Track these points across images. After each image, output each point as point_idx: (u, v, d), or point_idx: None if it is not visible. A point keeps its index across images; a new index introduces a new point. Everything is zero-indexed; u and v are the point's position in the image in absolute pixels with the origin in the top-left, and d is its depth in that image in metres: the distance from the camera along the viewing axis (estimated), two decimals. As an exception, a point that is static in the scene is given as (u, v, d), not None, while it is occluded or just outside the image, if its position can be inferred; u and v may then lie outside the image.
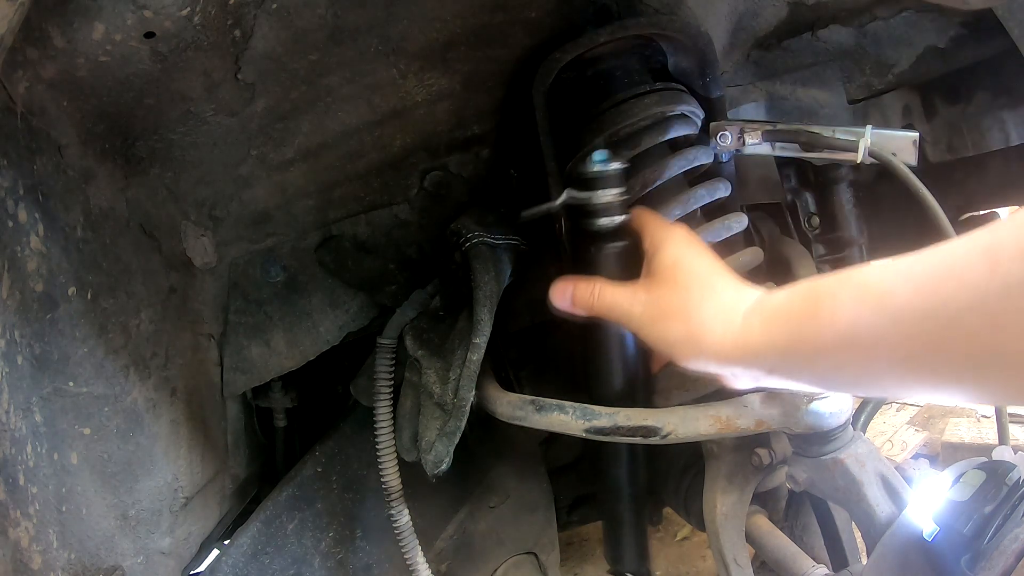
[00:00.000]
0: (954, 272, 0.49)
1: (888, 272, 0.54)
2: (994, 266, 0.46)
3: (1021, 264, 0.45)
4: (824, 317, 0.57)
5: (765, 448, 0.84)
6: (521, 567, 1.08)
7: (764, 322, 0.63)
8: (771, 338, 0.62)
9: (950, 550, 0.66)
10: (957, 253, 0.49)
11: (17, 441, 0.61)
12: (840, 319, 0.56)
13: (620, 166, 0.81)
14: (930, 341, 0.51)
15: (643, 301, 0.72)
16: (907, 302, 0.51)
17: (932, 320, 0.50)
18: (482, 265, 0.84)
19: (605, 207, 0.81)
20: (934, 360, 0.52)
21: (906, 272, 0.52)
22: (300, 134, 0.81)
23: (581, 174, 0.82)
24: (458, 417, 0.81)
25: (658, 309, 0.71)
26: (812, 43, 1.00)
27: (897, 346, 0.53)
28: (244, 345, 0.94)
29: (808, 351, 0.60)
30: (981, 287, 0.47)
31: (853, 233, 1.13)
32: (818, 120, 1.03)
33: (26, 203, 0.61)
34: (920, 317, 0.51)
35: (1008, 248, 0.45)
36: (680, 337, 0.68)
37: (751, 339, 0.63)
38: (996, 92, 1.07)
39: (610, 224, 0.81)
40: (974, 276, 0.47)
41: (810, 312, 0.59)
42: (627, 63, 0.88)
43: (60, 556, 0.67)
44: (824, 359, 0.59)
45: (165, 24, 0.58)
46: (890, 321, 0.53)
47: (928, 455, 2.24)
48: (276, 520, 0.98)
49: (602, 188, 0.80)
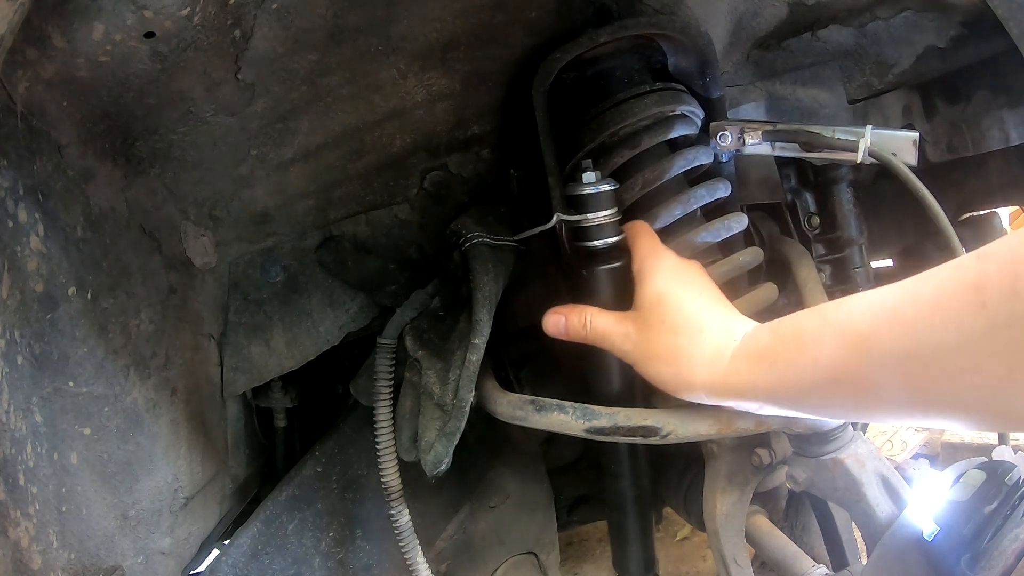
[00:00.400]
0: (940, 311, 0.47)
1: (873, 310, 0.53)
2: (981, 306, 0.45)
3: (1009, 303, 0.44)
4: (808, 360, 0.58)
5: (765, 448, 0.84)
6: (521, 567, 1.08)
7: (750, 365, 0.64)
8: (757, 380, 0.63)
9: (950, 550, 0.66)
10: (944, 290, 0.48)
11: (17, 441, 0.61)
12: (824, 362, 0.56)
13: (611, 187, 0.81)
14: (915, 381, 0.50)
15: (633, 338, 0.73)
16: (891, 344, 0.51)
17: (917, 361, 0.49)
18: (482, 265, 0.84)
19: (598, 228, 0.81)
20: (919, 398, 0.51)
21: (892, 309, 0.51)
22: (300, 134, 0.81)
23: (572, 195, 0.82)
24: (458, 417, 0.81)
25: (648, 349, 0.71)
26: (812, 43, 1.00)
27: (882, 386, 0.53)
28: (244, 345, 0.94)
29: (794, 392, 0.61)
30: (967, 327, 0.46)
31: (853, 233, 1.13)
32: (818, 120, 1.03)
33: (26, 203, 0.61)
34: (904, 358, 0.50)
35: (996, 286, 0.44)
36: (670, 378, 0.70)
37: (740, 380, 0.64)
38: (996, 92, 1.07)
39: (603, 246, 0.82)
40: (961, 316, 0.46)
41: (794, 355, 0.59)
42: (627, 63, 0.88)
43: (60, 556, 0.67)
44: (810, 398, 0.60)
45: (165, 24, 0.58)
46: (875, 364, 0.52)
47: (928, 455, 2.24)
48: (276, 520, 0.97)
49: (593, 210, 0.81)
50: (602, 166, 0.85)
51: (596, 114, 0.85)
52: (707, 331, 0.68)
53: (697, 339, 0.68)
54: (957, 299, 0.46)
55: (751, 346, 0.65)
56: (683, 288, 0.72)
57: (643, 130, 0.85)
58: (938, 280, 0.49)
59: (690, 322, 0.69)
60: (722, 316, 0.70)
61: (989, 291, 0.44)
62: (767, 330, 0.64)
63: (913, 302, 0.50)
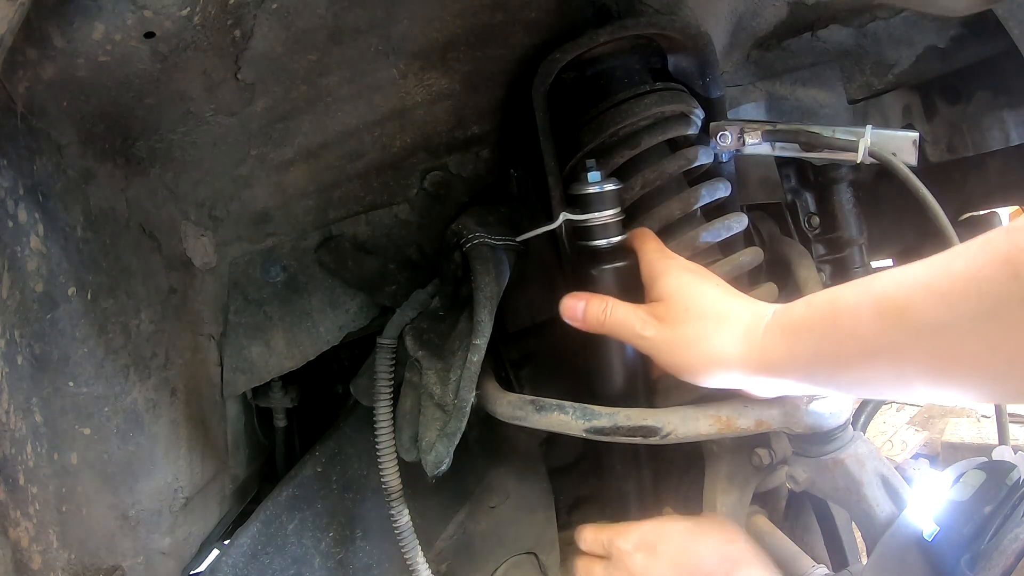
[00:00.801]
0: (974, 283, 0.48)
1: (907, 282, 0.54)
2: (1014, 275, 0.46)
3: None
4: (845, 331, 0.58)
5: (765, 448, 0.84)
6: (521, 567, 1.08)
7: (785, 337, 0.63)
8: (794, 353, 0.63)
9: (950, 550, 0.66)
10: (976, 262, 0.49)
11: (17, 441, 0.61)
12: (861, 333, 0.56)
13: (615, 186, 0.81)
14: (952, 352, 0.51)
15: (655, 326, 0.72)
16: (927, 315, 0.51)
17: (953, 332, 0.50)
18: (483, 266, 0.84)
19: (603, 227, 0.81)
20: (957, 369, 0.52)
21: (925, 282, 0.52)
22: (300, 134, 0.81)
23: (576, 194, 0.82)
24: (459, 418, 0.81)
25: (673, 335, 0.71)
26: (812, 43, 1.00)
27: (920, 358, 0.53)
28: (244, 345, 0.94)
29: (831, 364, 0.60)
30: (1002, 297, 0.47)
31: (853, 233, 1.13)
32: (818, 120, 1.03)
33: (26, 203, 0.61)
34: (941, 329, 0.51)
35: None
36: (699, 359, 0.69)
37: (775, 355, 0.64)
38: (996, 92, 1.07)
39: (607, 245, 0.82)
40: (994, 286, 0.47)
41: (831, 326, 0.59)
42: (627, 63, 0.88)
43: (60, 556, 0.67)
44: (848, 371, 0.60)
45: (165, 24, 0.58)
46: (911, 335, 0.53)
47: (928, 455, 2.24)
48: (276, 520, 0.97)
49: (597, 209, 0.80)
50: (602, 166, 0.85)
51: (596, 114, 0.85)
52: (734, 312, 0.69)
53: (725, 320, 0.68)
54: (990, 270, 0.47)
55: (785, 319, 0.64)
56: (701, 281, 0.73)
57: (643, 130, 0.85)
58: (970, 253, 0.50)
59: (716, 307, 0.70)
60: (746, 300, 0.71)
61: (1020, 263, 0.46)
62: (802, 303, 0.64)
63: (947, 275, 0.51)
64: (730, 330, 0.67)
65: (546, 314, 0.97)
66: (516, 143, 0.96)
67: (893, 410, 2.47)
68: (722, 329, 0.68)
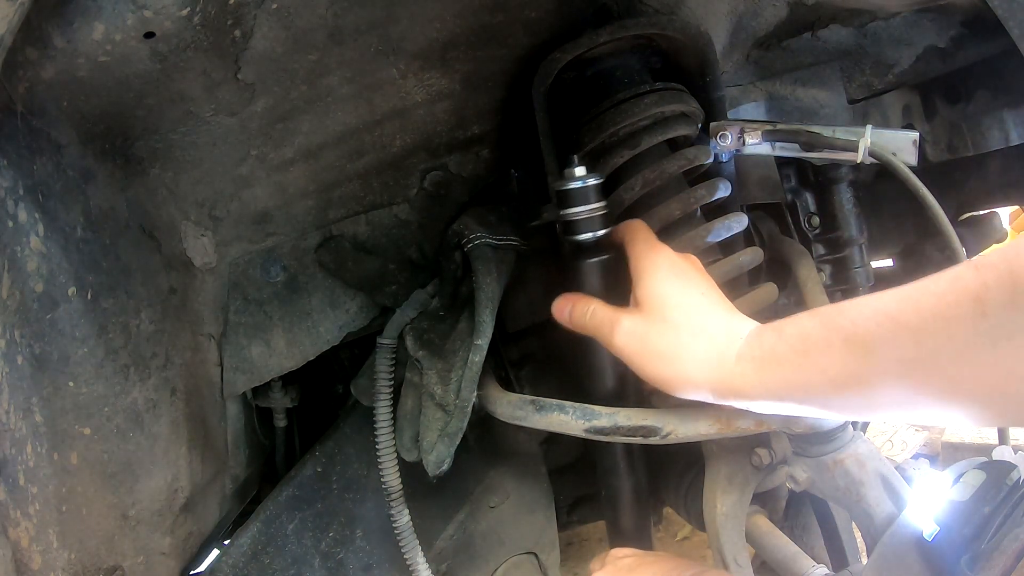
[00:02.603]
0: (942, 321, 0.49)
1: (876, 318, 0.54)
2: (982, 316, 0.46)
3: (1009, 313, 0.45)
4: (814, 366, 0.59)
5: (765, 448, 0.84)
6: (521, 567, 1.08)
7: (756, 367, 0.64)
8: (764, 382, 0.63)
9: (950, 550, 0.66)
10: (946, 300, 0.49)
11: (17, 441, 0.61)
12: (830, 369, 0.57)
13: (596, 180, 0.81)
14: (919, 386, 0.52)
15: (632, 334, 0.72)
16: (895, 351, 0.52)
17: (921, 367, 0.51)
18: (484, 266, 0.84)
19: (585, 221, 0.81)
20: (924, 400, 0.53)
21: (895, 317, 0.53)
22: (300, 134, 0.81)
23: (559, 190, 0.82)
24: (460, 418, 0.81)
25: (648, 345, 0.70)
26: (812, 43, 1.00)
27: (887, 391, 0.55)
28: (244, 345, 0.94)
29: (801, 394, 0.62)
30: (970, 335, 0.47)
31: (853, 233, 1.13)
32: (818, 120, 1.03)
33: (26, 203, 0.61)
34: (909, 363, 0.52)
35: (996, 296, 0.45)
36: (671, 376, 0.69)
37: (744, 383, 0.65)
38: (996, 92, 1.07)
39: (591, 238, 0.81)
40: (963, 325, 0.47)
41: (801, 360, 0.60)
42: (627, 63, 0.88)
43: (60, 556, 0.67)
44: (815, 400, 0.61)
45: (165, 24, 0.58)
46: (879, 369, 0.54)
47: (928, 455, 2.24)
48: (276, 520, 0.97)
49: (580, 204, 0.80)
50: (602, 166, 0.85)
51: (596, 114, 0.85)
52: (710, 330, 0.68)
53: (700, 338, 0.68)
54: (959, 308, 0.47)
55: (756, 349, 0.65)
56: (684, 287, 0.72)
57: (643, 130, 0.85)
58: (939, 290, 0.50)
59: (692, 320, 0.69)
60: (725, 315, 0.70)
61: (989, 301, 0.46)
62: (772, 333, 0.64)
63: (915, 311, 0.51)
64: (703, 350, 0.67)
65: (546, 314, 0.97)
66: (516, 143, 0.96)
67: (893, 410, 2.47)
68: (695, 347, 0.68)
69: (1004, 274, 0.45)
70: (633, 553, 0.80)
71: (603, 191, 0.82)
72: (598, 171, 0.85)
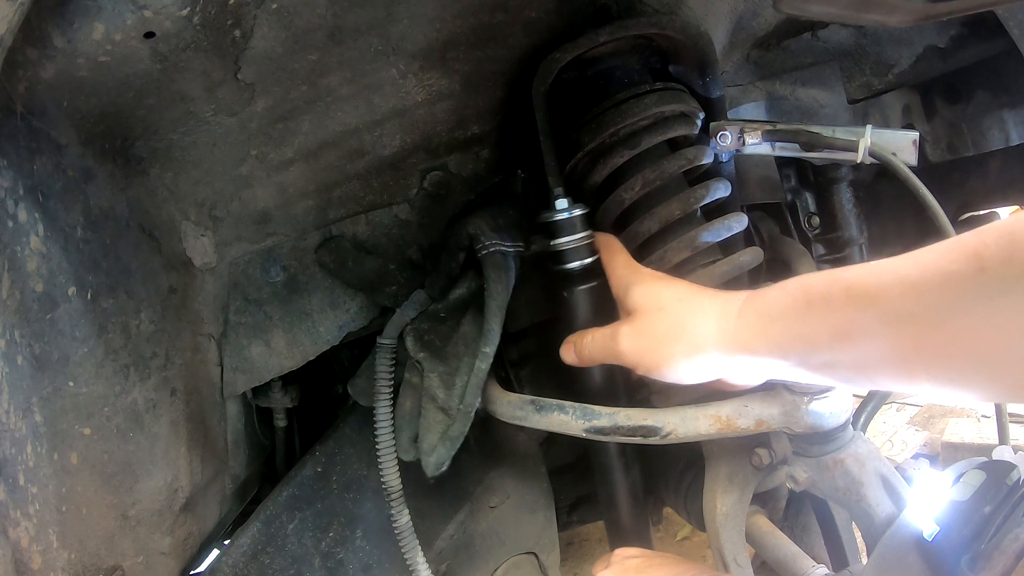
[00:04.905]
0: (941, 274, 0.50)
1: (878, 271, 0.55)
2: (980, 270, 0.47)
3: (1006, 267, 0.46)
4: (816, 314, 0.59)
5: (765, 448, 0.84)
6: (521, 567, 1.08)
7: (760, 318, 0.65)
8: (768, 333, 0.64)
9: (950, 550, 0.66)
10: (945, 256, 0.50)
11: (17, 441, 0.61)
12: (831, 318, 0.58)
13: (581, 211, 0.84)
14: (918, 341, 0.52)
15: (631, 336, 0.74)
16: (895, 302, 0.53)
17: (920, 321, 0.51)
18: (497, 274, 0.85)
19: (573, 251, 0.84)
20: (921, 358, 0.53)
21: (895, 271, 0.54)
22: (300, 134, 0.81)
23: (545, 221, 0.85)
24: (463, 423, 0.82)
25: (651, 339, 0.72)
26: (812, 43, 1.00)
27: (887, 345, 0.55)
28: (244, 345, 0.94)
29: (803, 346, 0.62)
30: (968, 289, 0.48)
31: (853, 233, 1.13)
32: (818, 120, 1.03)
33: (26, 203, 0.61)
34: (908, 317, 0.52)
35: (994, 252, 0.46)
36: (681, 351, 0.70)
37: (750, 335, 0.65)
38: (996, 92, 1.07)
39: (579, 267, 0.85)
40: (961, 278, 0.48)
41: (803, 309, 0.61)
42: (627, 63, 0.88)
43: (60, 556, 0.67)
44: (818, 354, 0.61)
45: (165, 24, 0.58)
46: (879, 321, 0.54)
47: (928, 455, 2.24)
48: (276, 520, 0.98)
49: (567, 234, 0.84)
50: (602, 166, 0.85)
51: (596, 114, 0.85)
52: (707, 301, 0.70)
53: (699, 309, 0.70)
54: (958, 263, 0.49)
55: (759, 302, 0.66)
56: (669, 283, 0.75)
57: (643, 130, 0.85)
58: (941, 248, 0.51)
59: (688, 300, 0.71)
60: (716, 291, 0.72)
61: (987, 257, 0.47)
62: (775, 288, 0.65)
63: (916, 265, 0.52)
64: (704, 316, 0.69)
65: (545, 314, 0.97)
66: (519, 143, 0.96)
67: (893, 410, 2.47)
68: (696, 317, 0.69)
69: (1004, 234, 0.47)
70: (640, 553, 0.81)
71: (589, 220, 0.85)
72: (598, 171, 0.85)
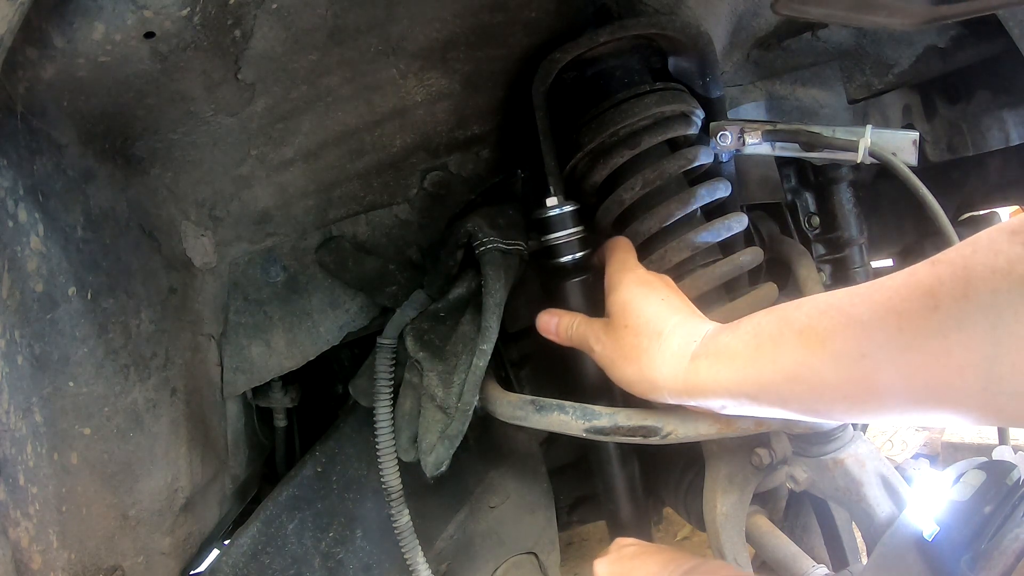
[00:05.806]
0: (894, 315, 0.49)
1: (829, 312, 0.55)
2: (934, 308, 0.46)
3: (960, 306, 0.45)
4: (767, 358, 0.60)
5: (765, 448, 0.84)
6: (521, 567, 1.08)
7: (711, 364, 0.65)
8: (718, 378, 0.64)
9: (950, 550, 0.66)
10: (900, 293, 0.49)
11: (17, 441, 0.61)
12: (782, 361, 0.58)
13: (572, 207, 0.85)
14: (870, 380, 0.52)
15: (602, 341, 0.76)
16: (847, 344, 0.53)
17: (872, 361, 0.51)
18: (495, 272, 0.85)
19: (565, 245, 0.86)
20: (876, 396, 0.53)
21: (847, 311, 0.53)
22: (300, 134, 0.81)
23: (538, 218, 0.86)
24: (461, 421, 0.81)
25: (615, 351, 0.74)
26: (812, 43, 1.00)
27: (838, 385, 0.55)
28: (244, 345, 0.94)
29: (753, 389, 0.62)
30: (921, 329, 0.47)
31: (853, 233, 1.13)
32: (818, 120, 1.03)
33: (26, 203, 0.61)
34: (860, 358, 0.52)
35: (948, 290, 0.46)
36: (634, 378, 0.72)
37: (700, 380, 0.66)
38: (996, 92, 1.07)
39: (571, 260, 0.86)
40: (912, 319, 0.48)
41: (753, 354, 0.61)
42: (627, 63, 0.88)
43: (60, 556, 0.67)
44: (768, 395, 0.61)
45: (165, 24, 0.58)
46: (831, 363, 0.54)
47: (928, 455, 2.24)
48: (276, 520, 0.97)
49: (558, 230, 0.85)
50: (602, 166, 0.85)
51: (596, 114, 0.85)
52: (667, 332, 0.70)
53: (657, 340, 0.70)
54: (911, 302, 0.48)
55: (711, 346, 0.66)
56: (647, 294, 0.75)
57: (643, 130, 0.85)
58: (893, 285, 0.50)
59: (651, 324, 0.72)
60: (684, 319, 0.72)
61: (942, 295, 0.46)
62: (727, 330, 0.66)
63: (868, 304, 0.52)
64: (660, 352, 0.70)
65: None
66: (516, 143, 0.96)
67: (893, 410, 2.47)
68: (652, 350, 0.70)
69: (958, 269, 0.46)
70: (636, 543, 0.82)
71: (580, 216, 0.86)
72: (598, 171, 0.85)
